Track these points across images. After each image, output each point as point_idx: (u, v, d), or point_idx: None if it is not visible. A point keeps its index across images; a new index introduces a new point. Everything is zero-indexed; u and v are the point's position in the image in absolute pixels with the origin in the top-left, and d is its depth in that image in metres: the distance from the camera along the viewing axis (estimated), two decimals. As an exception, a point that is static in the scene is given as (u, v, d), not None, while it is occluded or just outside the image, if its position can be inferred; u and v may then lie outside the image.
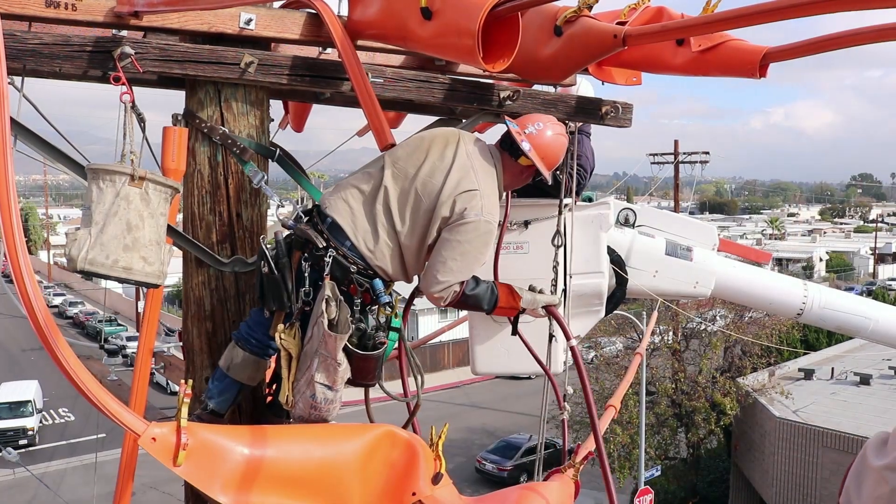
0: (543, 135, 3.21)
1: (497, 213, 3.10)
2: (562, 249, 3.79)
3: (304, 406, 2.89)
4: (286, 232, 3.04)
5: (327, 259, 2.94)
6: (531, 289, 3.36)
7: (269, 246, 2.99)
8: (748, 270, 5.67)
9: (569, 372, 4.01)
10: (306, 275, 2.95)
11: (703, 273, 5.05)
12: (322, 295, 2.83)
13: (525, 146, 3.16)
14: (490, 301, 3.17)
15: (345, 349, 2.84)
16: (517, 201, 3.83)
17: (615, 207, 4.91)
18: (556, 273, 3.77)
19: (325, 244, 2.97)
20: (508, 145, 3.20)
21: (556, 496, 3.18)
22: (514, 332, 3.48)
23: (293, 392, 2.93)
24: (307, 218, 3.09)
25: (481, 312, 3.29)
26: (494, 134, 3.72)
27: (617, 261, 4.69)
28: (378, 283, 3.01)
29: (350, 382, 2.97)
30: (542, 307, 3.32)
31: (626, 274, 4.71)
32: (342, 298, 2.86)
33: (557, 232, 3.80)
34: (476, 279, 3.12)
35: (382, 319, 3.04)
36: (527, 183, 3.34)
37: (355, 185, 3.10)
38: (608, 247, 4.48)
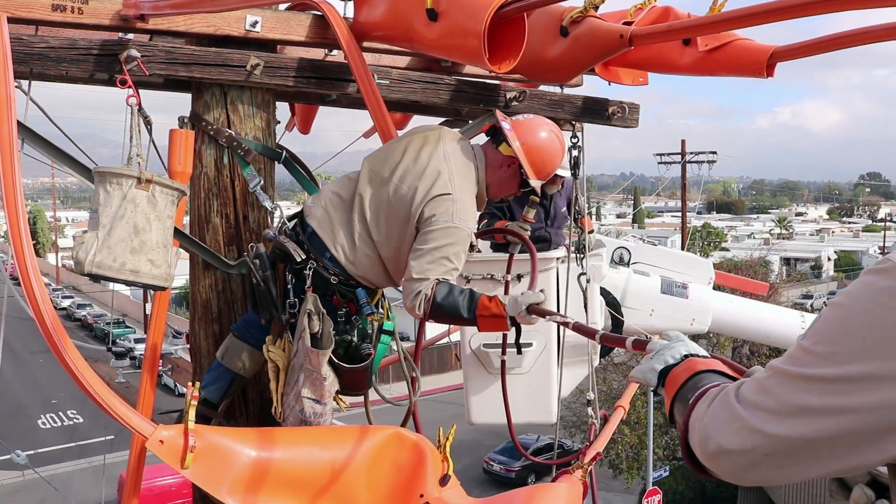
0: (531, 125, 2.99)
1: (473, 218, 2.87)
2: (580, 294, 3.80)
3: (295, 420, 2.87)
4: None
5: (307, 272, 2.85)
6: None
7: (253, 258, 2.92)
8: (745, 305, 5.65)
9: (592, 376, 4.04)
10: (290, 287, 2.87)
11: (699, 310, 5.05)
12: (304, 309, 2.77)
13: (506, 125, 2.95)
14: (470, 308, 2.72)
15: (331, 362, 2.80)
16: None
17: (609, 247, 4.89)
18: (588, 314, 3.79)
19: (304, 257, 2.86)
20: (492, 133, 3.01)
21: (565, 497, 3.17)
22: (519, 349, 3.09)
23: (283, 405, 2.92)
24: (292, 225, 3.00)
25: (468, 326, 3.02)
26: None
27: (612, 303, 4.68)
28: (361, 292, 2.91)
29: (341, 392, 2.94)
30: (526, 308, 2.71)
31: (622, 316, 4.71)
32: (325, 311, 2.79)
33: (582, 273, 3.79)
34: (450, 286, 2.76)
35: (376, 326, 2.98)
36: (516, 191, 3.09)
37: (336, 192, 2.96)
38: (603, 289, 4.48)
